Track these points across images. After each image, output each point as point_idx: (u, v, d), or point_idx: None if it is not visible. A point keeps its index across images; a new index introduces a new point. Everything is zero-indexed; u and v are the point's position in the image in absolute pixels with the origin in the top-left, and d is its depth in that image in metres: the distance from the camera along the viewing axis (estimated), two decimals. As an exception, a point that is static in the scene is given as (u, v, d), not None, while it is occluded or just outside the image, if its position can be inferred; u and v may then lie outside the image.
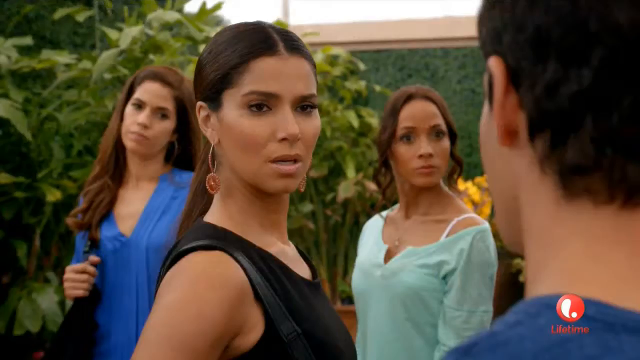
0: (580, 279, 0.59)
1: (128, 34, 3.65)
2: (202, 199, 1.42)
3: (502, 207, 0.70)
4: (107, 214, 2.53)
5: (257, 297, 1.23)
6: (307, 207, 5.36)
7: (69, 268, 2.45)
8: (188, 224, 1.41)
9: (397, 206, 2.45)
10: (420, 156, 2.24)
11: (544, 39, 0.60)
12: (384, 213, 2.48)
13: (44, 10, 4.42)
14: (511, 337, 0.55)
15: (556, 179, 0.61)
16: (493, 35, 0.65)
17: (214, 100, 1.31)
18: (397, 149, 2.28)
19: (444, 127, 2.28)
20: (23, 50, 4.08)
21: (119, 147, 2.54)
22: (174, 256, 1.25)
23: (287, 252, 1.39)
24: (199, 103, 1.35)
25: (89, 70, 3.75)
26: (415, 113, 2.28)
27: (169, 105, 2.49)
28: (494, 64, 0.64)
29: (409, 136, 2.27)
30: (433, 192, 2.30)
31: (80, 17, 4.05)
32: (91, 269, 2.43)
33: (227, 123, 1.28)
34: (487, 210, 5.23)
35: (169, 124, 2.51)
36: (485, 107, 0.69)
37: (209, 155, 1.36)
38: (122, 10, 4.62)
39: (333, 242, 5.59)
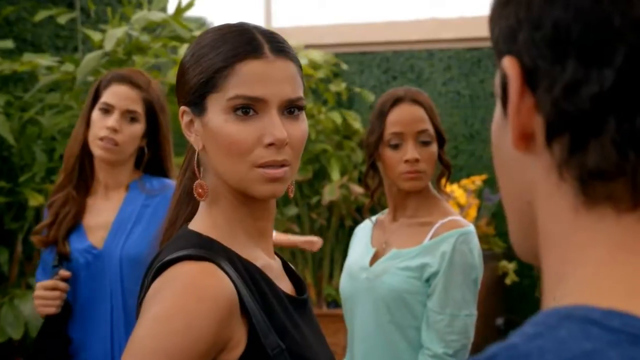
0: (603, 290, 0.56)
1: (112, 36, 3.60)
2: (186, 206, 1.37)
3: (515, 215, 0.67)
4: (75, 226, 2.42)
5: (244, 310, 1.19)
6: (292, 211, 5.33)
7: (39, 285, 2.35)
8: (172, 232, 1.36)
9: (387, 210, 2.43)
10: (407, 161, 2.22)
11: (562, 37, 0.57)
12: (375, 217, 2.46)
13: (24, 12, 4.36)
14: (531, 349, 0.52)
15: (575, 185, 0.58)
16: (507, 33, 0.62)
17: (198, 104, 1.27)
18: (385, 153, 2.27)
19: (431, 131, 2.26)
20: (4, 53, 4.03)
21: (84, 155, 2.42)
22: (159, 266, 1.20)
23: (272, 266, 1.35)
24: (182, 107, 1.30)
25: (72, 73, 3.70)
26: (402, 118, 2.26)
27: (138, 108, 2.40)
28: (509, 64, 0.61)
29: (396, 141, 2.25)
30: (420, 195, 2.29)
31: (62, 20, 4.00)
32: (62, 285, 2.34)
33: (212, 128, 1.25)
34: (473, 213, 5.22)
35: (138, 128, 2.41)
36: (498, 110, 0.66)
37: (194, 161, 1.31)
38: (105, 12, 4.57)
39: (318, 245, 5.56)
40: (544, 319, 0.55)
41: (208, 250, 1.22)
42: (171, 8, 4.61)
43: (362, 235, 2.44)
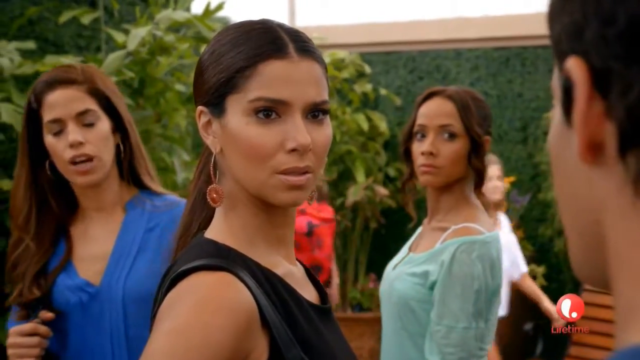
0: None
1: (136, 35, 3.55)
2: (201, 212, 1.30)
3: (578, 235, 0.59)
4: (66, 260, 1.98)
5: (264, 322, 1.12)
6: (317, 212, 5.27)
7: (13, 330, 1.89)
8: (186, 239, 1.29)
9: None
10: (422, 153, 2.16)
11: (639, 34, 0.50)
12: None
13: (47, 12, 4.33)
14: None
15: None
16: (571, 30, 0.54)
17: (217, 105, 1.20)
18: (412, 144, 2.22)
19: (457, 128, 2.16)
20: (26, 54, 3.99)
21: (35, 196, 1.98)
22: (173, 277, 1.13)
23: (294, 273, 1.27)
24: (200, 108, 1.23)
25: (94, 74, 3.65)
26: (429, 111, 2.20)
27: (90, 104, 1.95)
28: (574, 66, 0.54)
29: (422, 133, 2.19)
30: (452, 197, 2.20)
31: (86, 20, 3.96)
32: (43, 329, 1.88)
33: (232, 131, 1.17)
34: (500, 215, 5.12)
35: (104, 126, 1.96)
36: (557, 116, 0.59)
37: (211, 165, 1.24)
38: (128, 12, 4.53)
39: (343, 247, 5.50)
40: (621, 358, 0.48)
41: (225, 259, 1.15)
42: (196, 8, 4.57)
43: (413, 236, 2.37)
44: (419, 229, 2.36)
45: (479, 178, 2.23)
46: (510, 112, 5.64)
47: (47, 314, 1.90)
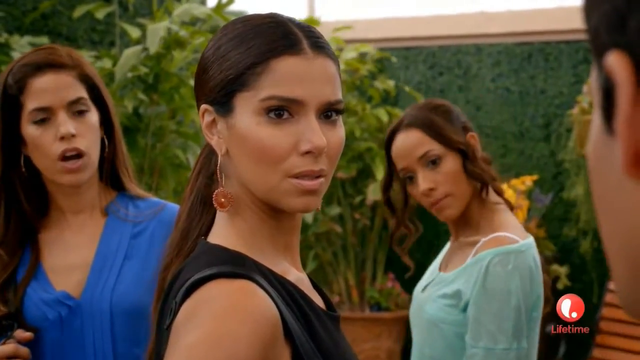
0: None
1: (155, 31, 3.47)
2: (200, 217, 1.22)
3: (622, 260, 0.50)
4: (33, 270, 1.75)
5: (287, 332, 1.04)
6: (335, 210, 5.19)
7: None
8: (184, 246, 1.21)
9: None
10: (422, 194, 1.99)
11: None
12: None
13: (61, 6, 4.27)
14: None
15: None
16: (612, 20, 0.45)
17: (224, 104, 1.12)
18: (408, 190, 2.05)
19: (437, 150, 1.98)
20: (40, 48, 3.94)
21: (4, 195, 1.77)
22: (188, 286, 1.05)
23: (304, 281, 1.21)
24: (204, 106, 1.15)
25: (109, 69, 3.58)
26: (399, 150, 2.02)
27: (82, 92, 1.75)
28: (616, 62, 0.45)
29: (408, 176, 2.02)
30: (473, 208, 2.02)
31: (100, 14, 3.89)
32: (23, 350, 1.66)
33: (241, 131, 1.10)
34: (522, 215, 5.01)
35: (94, 117, 1.76)
36: (597, 121, 0.49)
37: (217, 166, 1.16)
38: (142, 6, 4.46)
39: (361, 246, 5.42)
40: None
41: (241, 266, 1.08)
42: (210, 2, 4.49)
43: (440, 255, 2.18)
44: (446, 246, 2.18)
45: (483, 185, 2.03)
46: (532, 108, 5.52)
47: (24, 334, 1.68)
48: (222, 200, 1.14)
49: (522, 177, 5.18)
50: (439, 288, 1.99)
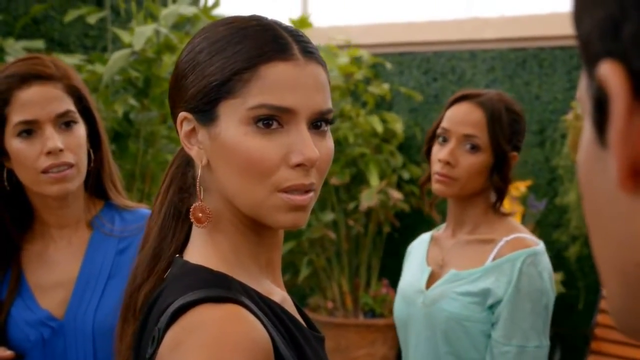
0: None
1: (141, 34, 3.45)
2: (173, 234, 1.14)
3: (615, 278, 0.47)
4: (16, 287, 1.69)
5: (277, 356, 0.99)
6: (328, 216, 5.16)
7: None
8: (156, 265, 1.13)
9: (444, 225, 2.20)
10: (440, 160, 2.01)
11: None
12: (430, 232, 2.23)
13: (53, 11, 4.24)
14: None
15: None
16: (605, 28, 0.43)
17: (206, 112, 1.04)
18: (433, 146, 2.08)
19: (481, 141, 2.00)
20: (32, 53, 3.91)
21: None
22: (174, 311, 0.98)
23: (288, 301, 1.15)
24: (182, 114, 1.07)
25: (99, 73, 3.56)
26: (455, 116, 2.04)
27: (69, 104, 1.71)
28: (609, 72, 0.42)
29: (444, 137, 2.05)
30: (479, 208, 2.05)
31: (92, 19, 3.87)
32: None
33: (226, 142, 1.03)
34: (517, 221, 5.00)
35: (82, 130, 1.73)
36: (588, 134, 0.47)
37: (197, 179, 1.08)
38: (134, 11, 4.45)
39: (355, 252, 5.39)
40: None
41: (227, 289, 1.00)
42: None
43: (417, 253, 2.19)
44: (424, 242, 2.19)
45: (499, 196, 2.06)
46: (527, 114, 5.48)
47: (6, 353, 1.62)
48: (200, 215, 1.08)
49: (517, 183, 5.15)
50: (458, 285, 1.99)
